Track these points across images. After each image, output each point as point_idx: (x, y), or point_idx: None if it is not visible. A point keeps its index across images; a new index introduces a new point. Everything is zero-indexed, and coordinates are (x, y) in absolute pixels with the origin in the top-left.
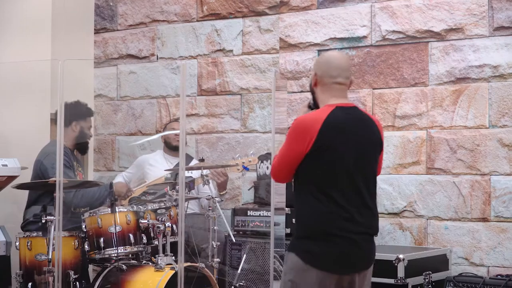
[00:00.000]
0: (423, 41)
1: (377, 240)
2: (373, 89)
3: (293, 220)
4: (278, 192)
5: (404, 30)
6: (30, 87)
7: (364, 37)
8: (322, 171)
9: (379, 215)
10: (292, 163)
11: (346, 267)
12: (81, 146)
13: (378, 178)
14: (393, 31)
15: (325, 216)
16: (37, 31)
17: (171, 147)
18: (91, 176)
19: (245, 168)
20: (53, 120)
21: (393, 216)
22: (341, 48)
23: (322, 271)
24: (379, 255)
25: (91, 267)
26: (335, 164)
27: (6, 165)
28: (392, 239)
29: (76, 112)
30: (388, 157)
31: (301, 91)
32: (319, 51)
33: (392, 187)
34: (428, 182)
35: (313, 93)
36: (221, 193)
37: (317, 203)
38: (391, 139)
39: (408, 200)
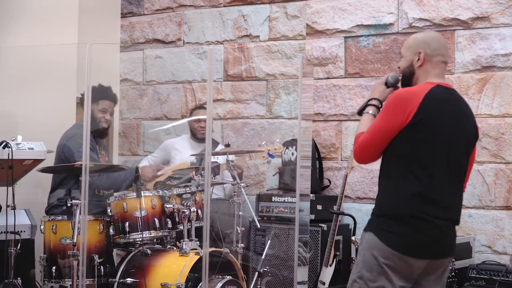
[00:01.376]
0: (450, 29)
1: None
2: None
3: (376, 198)
4: (303, 178)
5: (430, 18)
6: (57, 71)
7: (391, 24)
8: (418, 147)
9: None
10: (387, 138)
11: (426, 253)
12: (94, 131)
13: None
14: (420, 19)
15: (414, 198)
16: (64, 15)
17: (195, 138)
18: (116, 160)
19: (271, 156)
20: (79, 104)
21: None
22: (368, 35)
23: (403, 255)
24: None
25: (115, 251)
26: (433, 141)
27: (32, 149)
28: None
29: (97, 96)
30: None
31: (327, 78)
32: (345, 37)
33: None
34: None
35: (408, 74)
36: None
37: (407, 183)
38: None
39: None
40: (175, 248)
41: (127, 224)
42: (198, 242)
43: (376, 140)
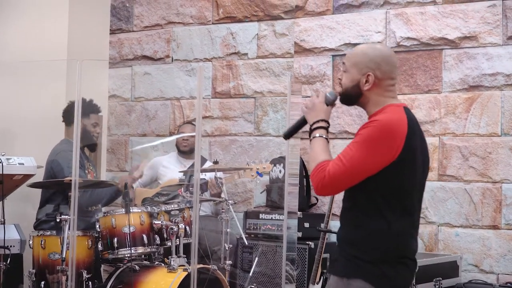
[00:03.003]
0: (437, 48)
1: None
2: None
3: (347, 239)
4: (291, 196)
5: (418, 37)
6: (46, 86)
7: (379, 43)
8: (402, 184)
9: None
10: (367, 173)
11: None
12: (88, 145)
13: None
14: (408, 38)
15: (402, 237)
16: (55, 33)
17: (179, 151)
18: (104, 176)
19: (259, 175)
20: (64, 119)
21: None
22: None
23: None
24: None
25: (102, 267)
26: (413, 176)
27: (22, 164)
28: None
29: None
30: None
31: None
32: (333, 56)
33: None
34: (440, 189)
35: (354, 95)
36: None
37: (393, 221)
38: None
39: None
40: (163, 265)
41: (115, 239)
42: (186, 258)
43: (356, 173)
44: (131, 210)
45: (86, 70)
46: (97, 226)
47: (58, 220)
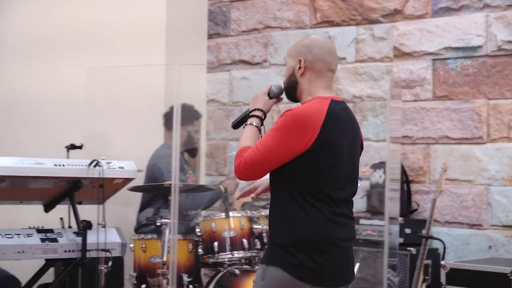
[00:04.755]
0: None
1: (491, 252)
2: (488, 99)
3: (270, 224)
4: (392, 201)
5: None
6: (144, 91)
7: (480, 47)
8: (321, 172)
9: (493, 227)
10: (282, 160)
11: (340, 280)
12: (190, 150)
13: (493, 189)
14: (509, 41)
15: (322, 224)
16: (152, 38)
17: None
18: (203, 180)
19: (359, 179)
20: (165, 124)
21: (507, 228)
22: (456, 58)
23: (316, 287)
24: (493, 268)
25: (202, 271)
26: (335, 164)
27: (122, 168)
28: (506, 251)
29: (183, 116)
30: (503, 168)
31: (415, 100)
32: (433, 60)
33: (506, 199)
34: None
35: (291, 84)
36: None
37: (311, 209)
38: (506, 151)
39: None
40: None
41: (215, 244)
42: None
43: (268, 160)
44: (231, 215)
45: (184, 74)
46: (197, 230)
47: (158, 223)
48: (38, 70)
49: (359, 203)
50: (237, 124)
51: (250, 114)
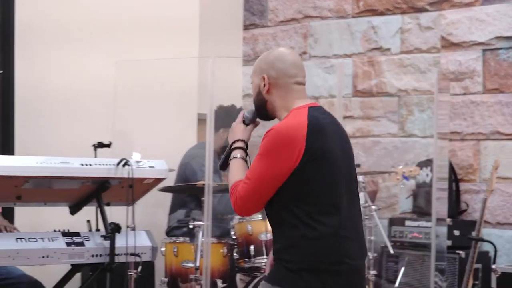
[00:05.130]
0: None
1: None
2: None
3: (274, 246)
4: (440, 201)
5: None
6: (176, 85)
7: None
8: (320, 183)
9: None
10: (275, 185)
11: None
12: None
13: None
14: None
15: (326, 241)
16: (185, 29)
17: None
18: None
19: (405, 178)
20: (201, 121)
21: None
22: (507, 48)
23: None
24: None
25: (238, 276)
26: (332, 172)
27: (153, 167)
28: None
29: (226, 118)
30: None
31: (464, 93)
32: (484, 50)
33: None
34: None
35: (260, 103)
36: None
37: (318, 225)
38: None
39: None
40: None
41: (252, 247)
42: None
43: (263, 189)
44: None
45: (218, 68)
46: (232, 232)
47: (191, 226)
48: (64, 62)
49: (404, 203)
50: (223, 165)
51: (232, 147)
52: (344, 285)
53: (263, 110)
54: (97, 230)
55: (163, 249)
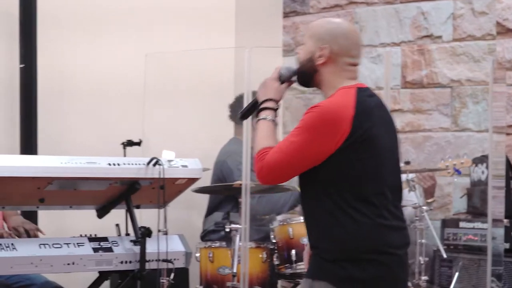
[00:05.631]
0: None
1: None
2: None
3: (310, 237)
4: (496, 201)
5: None
6: (210, 78)
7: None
8: (363, 169)
9: None
10: (311, 163)
11: None
12: None
13: None
14: None
15: (372, 230)
16: (220, 17)
17: None
18: None
19: (457, 171)
20: (231, 117)
21: None
22: None
23: None
24: None
25: (279, 283)
26: (377, 157)
27: (186, 166)
28: None
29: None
30: None
31: None
32: None
33: None
34: None
35: (308, 70)
36: (428, 200)
37: (358, 214)
38: None
39: None
40: None
41: (293, 252)
42: None
43: (295, 163)
44: None
45: (256, 59)
46: (272, 236)
47: (227, 229)
48: (90, 55)
49: (458, 203)
50: (245, 115)
51: (262, 106)
52: (387, 275)
53: (307, 77)
54: (127, 234)
55: (197, 254)
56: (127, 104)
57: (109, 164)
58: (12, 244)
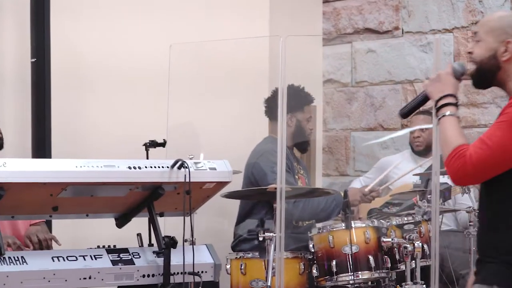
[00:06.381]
0: None
1: None
2: None
3: (502, 248)
4: None
5: None
6: (243, 70)
7: None
8: None
9: None
10: None
11: None
12: (300, 145)
13: None
14: None
15: None
16: (252, 4)
17: (415, 153)
18: (319, 182)
19: None
20: (267, 112)
21: None
22: None
23: None
24: None
25: None
26: None
27: (214, 169)
28: None
29: (290, 100)
30: None
31: None
32: None
33: None
34: None
35: (490, 68)
36: None
37: None
38: None
39: None
40: None
41: (334, 262)
42: (424, 285)
43: (502, 159)
44: (353, 225)
45: (293, 49)
46: (311, 245)
47: (261, 238)
48: (109, 45)
49: None
50: (408, 112)
51: (442, 102)
52: None
53: (488, 76)
54: (149, 245)
55: (228, 266)
56: (150, 100)
57: (129, 168)
58: (22, 257)
